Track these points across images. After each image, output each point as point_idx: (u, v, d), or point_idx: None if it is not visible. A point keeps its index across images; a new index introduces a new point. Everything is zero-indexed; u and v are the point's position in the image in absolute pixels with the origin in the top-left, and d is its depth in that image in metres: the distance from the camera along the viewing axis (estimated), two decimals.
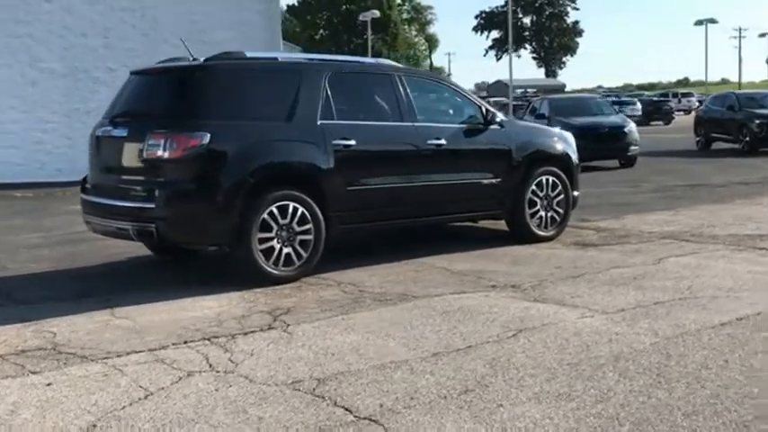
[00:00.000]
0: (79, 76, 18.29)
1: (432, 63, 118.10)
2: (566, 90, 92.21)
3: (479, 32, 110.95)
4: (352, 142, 7.56)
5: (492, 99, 61.27)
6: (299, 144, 7.34)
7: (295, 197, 7.19)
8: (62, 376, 4.84)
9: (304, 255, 7.27)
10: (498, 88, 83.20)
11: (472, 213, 8.79)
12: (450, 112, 8.74)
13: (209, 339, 5.52)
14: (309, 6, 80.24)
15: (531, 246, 8.69)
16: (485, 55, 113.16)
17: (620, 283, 6.86)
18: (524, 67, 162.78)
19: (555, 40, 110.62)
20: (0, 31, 17.68)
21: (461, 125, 8.56)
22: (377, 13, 49.47)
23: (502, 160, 8.67)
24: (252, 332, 5.67)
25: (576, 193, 9.38)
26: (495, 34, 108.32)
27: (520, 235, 8.89)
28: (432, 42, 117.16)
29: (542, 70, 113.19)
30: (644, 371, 4.62)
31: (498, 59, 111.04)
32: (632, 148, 19.17)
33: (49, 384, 4.70)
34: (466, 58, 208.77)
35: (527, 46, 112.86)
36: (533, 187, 8.86)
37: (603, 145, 19.12)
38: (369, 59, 8.63)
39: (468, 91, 9.00)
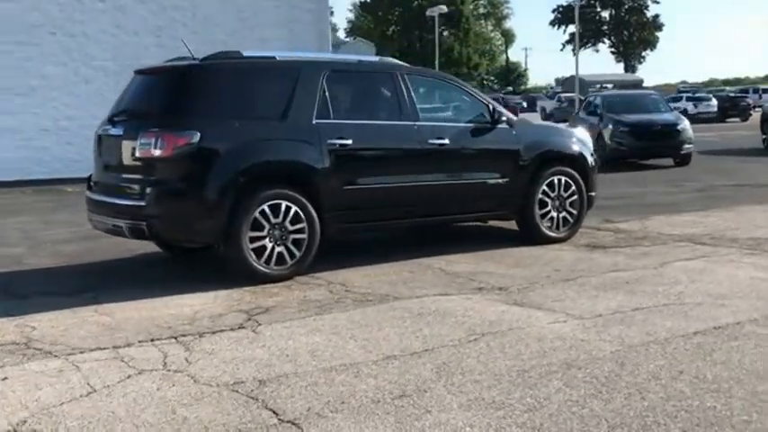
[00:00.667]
0: (131, 73, 18.60)
1: (508, 58, 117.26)
2: (644, 85, 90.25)
3: (556, 27, 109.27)
4: (349, 141, 7.54)
5: (563, 95, 60.59)
6: (292, 143, 7.36)
7: (287, 196, 7.22)
8: (20, 371, 4.95)
9: (297, 254, 7.29)
10: (572, 83, 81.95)
11: (477, 214, 8.69)
12: (456, 111, 8.66)
13: (176, 338, 5.58)
14: (381, 3, 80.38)
15: (541, 247, 8.54)
16: (561, 50, 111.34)
17: (611, 287, 6.69)
18: (603, 62, 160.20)
19: (634, 35, 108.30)
20: (56, 30, 18.18)
21: (467, 124, 8.46)
22: (444, 8, 49.21)
23: (509, 160, 8.54)
24: (221, 331, 5.72)
25: (592, 194, 9.18)
26: (572, 28, 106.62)
27: (530, 236, 8.74)
28: (508, 37, 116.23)
29: (621, 65, 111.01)
30: (591, 380, 4.50)
31: (575, 54, 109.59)
32: (686, 146, 18.66)
33: (4, 379, 4.81)
34: (543, 53, 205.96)
35: (605, 40, 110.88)
36: (544, 188, 8.70)
37: (656, 143, 18.69)
38: (372, 58, 8.57)
39: (476, 90, 8.87)
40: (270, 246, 7.16)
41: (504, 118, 8.49)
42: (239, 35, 19.40)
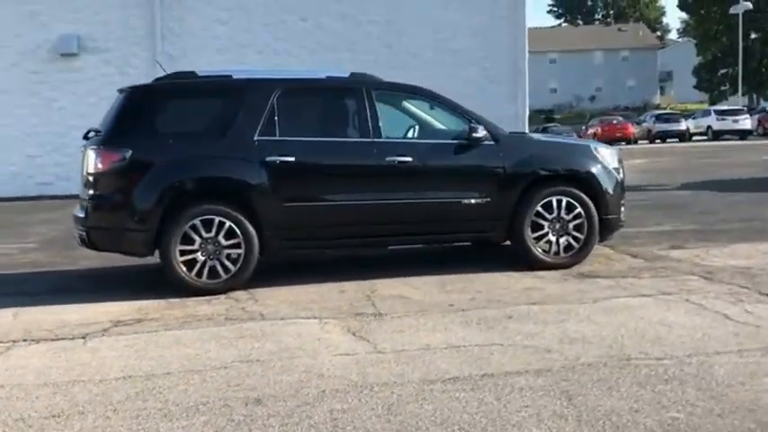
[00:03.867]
0: None
1: None
2: None
3: None
4: (291, 159, 7.57)
5: None
6: (226, 159, 7.54)
7: (220, 211, 7.42)
8: None
9: (232, 269, 7.46)
10: None
11: (452, 235, 8.27)
12: (431, 128, 8.28)
13: (15, 342, 6.05)
14: (702, 2, 75.55)
15: (524, 274, 7.88)
16: None
17: (482, 321, 6.13)
18: None
19: None
20: (263, 49, 19.65)
21: (438, 141, 8.12)
22: (749, 4, 45.29)
23: (490, 179, 8.00)
24: (61, 339, 6.08)
25: (610, 217, 8.27)
26: None
27: (524, 260, 8.12)
28: None
29: None
30: (234, 418, 4.29)
31: None
32: None
33: None
34: None
35: None
36: (538, 209, 8.03)
37: None
38: (343, 74, 8.44)
39: (459, 105, 8.36)
40: (202, 259, 7.40)
41: (482, 134, 7.95)
42: (432, 47, 19.69)
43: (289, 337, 5.87)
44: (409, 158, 7.81)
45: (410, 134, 8.22)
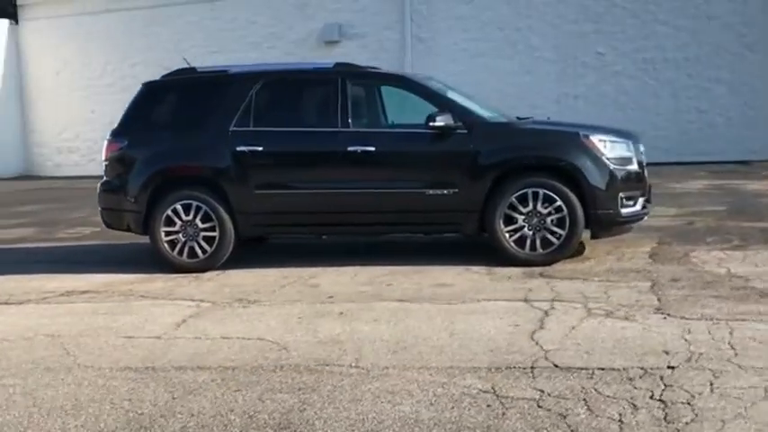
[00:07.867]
0: (569, 62, 19.02)
1: None
2: None
3: None
4: (259, 148, 7.97)
5: None
6: (202, 149, 8.17)
7: (197, 197, 8.09)
8: None
9: (208, 249, 8.11)
10: None
11: (418, 227, 8.06)
12: (403, 116, 8.04)
13: None
14: None
15: (486, 269, 7.49)
16: None
17: (302, 315, 6.16)
18: None
19: None
20: (504, 26, 19.54)
21: (406, 131, 7.92)
22: None
23: (459, 169, 7.65)
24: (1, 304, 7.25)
25: (604, 212, 7.50)
26: None
27: (500, 255, 7.67)
28: None
29: None
30: None
31: None
32: None
33: None
34: None
35: None
36: (512, 201, 7.54)
37: None
38: (328, 64, 8.44)
39: (439, 94, 7.94)
40: (182, 240, 8.15)
41: (442, 123, 7.58)
42: (682, 13, 18.17)
43: (134, 317, 6.38)
44: (372, 148, 7.77)
45: (383, 123, 8.10)
